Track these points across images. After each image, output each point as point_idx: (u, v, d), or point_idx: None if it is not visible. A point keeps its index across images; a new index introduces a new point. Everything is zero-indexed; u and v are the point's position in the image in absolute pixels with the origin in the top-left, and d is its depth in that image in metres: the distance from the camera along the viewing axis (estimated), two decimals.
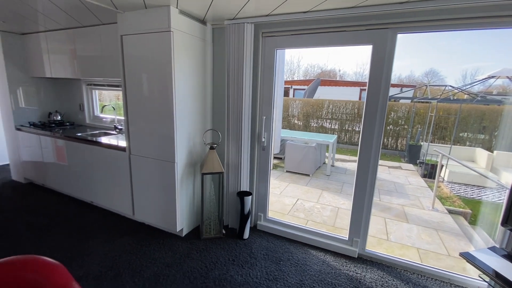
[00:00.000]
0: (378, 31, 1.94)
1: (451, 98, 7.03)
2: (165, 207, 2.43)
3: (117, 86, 3.43)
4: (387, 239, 2.84)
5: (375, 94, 2.02)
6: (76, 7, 2.22)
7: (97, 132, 3.32)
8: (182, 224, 2.48)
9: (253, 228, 2.70)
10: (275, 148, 2.60)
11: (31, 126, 3.41)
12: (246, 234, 2.52)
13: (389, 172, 5.69)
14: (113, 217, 2.82)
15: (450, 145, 6.65)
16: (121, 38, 2.31)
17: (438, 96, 7.14)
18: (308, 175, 4.89)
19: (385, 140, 8.39)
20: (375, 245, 2.70)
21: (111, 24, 2.62)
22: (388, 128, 8.34)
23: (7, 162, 4.00)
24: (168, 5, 1.99)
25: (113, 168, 2.71)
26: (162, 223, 2.53)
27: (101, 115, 3.70)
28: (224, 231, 2.59)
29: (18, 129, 3.47)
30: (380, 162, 3.43)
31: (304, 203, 3.65)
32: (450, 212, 3.68)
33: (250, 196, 2.48)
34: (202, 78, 2.48)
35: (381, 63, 1.96)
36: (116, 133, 3.29)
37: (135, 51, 2.27)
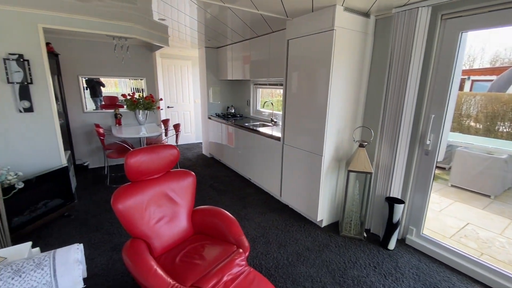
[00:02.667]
0: None
1: None
2: (309, 195, 2.62)
3: (275, 84, 3.97)
4: None
5: None
6: (257, 20, 2.75)
7: (257, 123, 4.01)
8: (322, 215, 2.58)
9: (401, 241, 2.39)
10: (439, 155, 2.15)
11: (216, 116, 4.61)
12: (392, 245, 2.27)
13: None
14: (264, 195, 3.36)
15: None
16: (287, 42, 2.64)
17: None
18: (488, 196, 3.66)
19: None
20: None
21: (279, 31, 3.06)
22: None
23: (201, 141, 5.65)
24: (334, 4, 2.07)
25: (268, 154, 3.20)
26: (304, 210, 2.75)
27: (261, 110, 4.43)
28: (365, 235, 2.46)
29: (209, 118, 4.79)
30: None
31: (478, 230, 2.80)
32: None
33: (402, 205, 2.21)
34: (358, 73, 2.42)
35: None
36: (272, 125, 3.84)
37: (297, 53, 2.54)
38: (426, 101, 2.11)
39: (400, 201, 2.24)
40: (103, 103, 4.45)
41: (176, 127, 4.08)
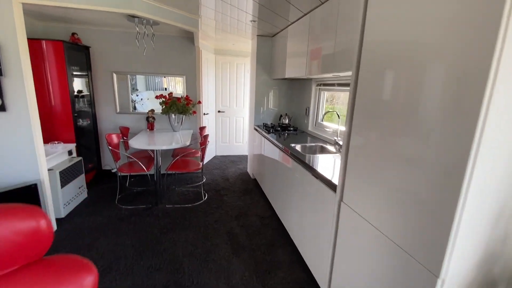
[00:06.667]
0: None
1: None
2: None
3: (346, 85, 2.46)
4: None
5: None
6: None
7: (313, 144, 2.59)
8: None
9: None
10: None
11: (263, 128, 3.41)
12: None
13: None
14: (303, 273, 1.94)
15: None
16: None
17: None
18: None
19: None
20: None
21: None
22: None
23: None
24: None
25: (316, 205, 1.79)
26: None
27: (324, 123, 2.96)
28: None
29: (255, 129, 3.64)
30: None
31: None
32: None
33: None
34: None
35: None
36: (335, 150, 2.36)
37: (385, 20, 1.07)
38: None
39: None
40: None
41: (205, 138, 3.11)
